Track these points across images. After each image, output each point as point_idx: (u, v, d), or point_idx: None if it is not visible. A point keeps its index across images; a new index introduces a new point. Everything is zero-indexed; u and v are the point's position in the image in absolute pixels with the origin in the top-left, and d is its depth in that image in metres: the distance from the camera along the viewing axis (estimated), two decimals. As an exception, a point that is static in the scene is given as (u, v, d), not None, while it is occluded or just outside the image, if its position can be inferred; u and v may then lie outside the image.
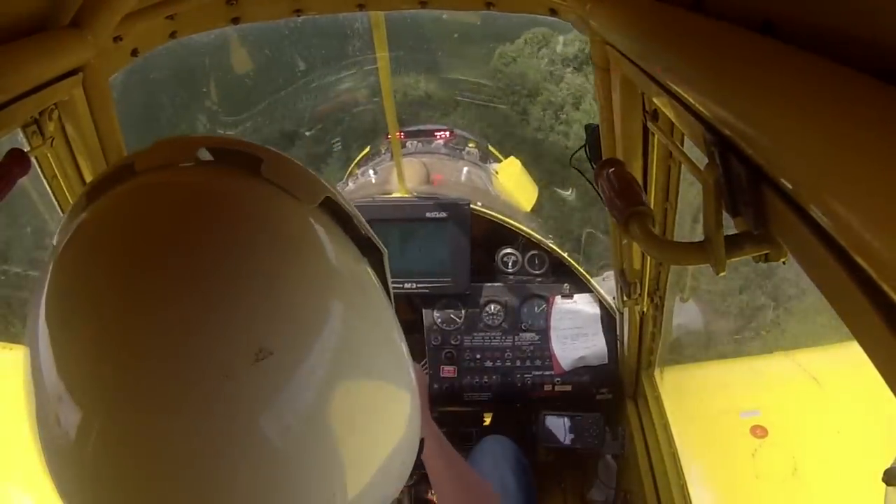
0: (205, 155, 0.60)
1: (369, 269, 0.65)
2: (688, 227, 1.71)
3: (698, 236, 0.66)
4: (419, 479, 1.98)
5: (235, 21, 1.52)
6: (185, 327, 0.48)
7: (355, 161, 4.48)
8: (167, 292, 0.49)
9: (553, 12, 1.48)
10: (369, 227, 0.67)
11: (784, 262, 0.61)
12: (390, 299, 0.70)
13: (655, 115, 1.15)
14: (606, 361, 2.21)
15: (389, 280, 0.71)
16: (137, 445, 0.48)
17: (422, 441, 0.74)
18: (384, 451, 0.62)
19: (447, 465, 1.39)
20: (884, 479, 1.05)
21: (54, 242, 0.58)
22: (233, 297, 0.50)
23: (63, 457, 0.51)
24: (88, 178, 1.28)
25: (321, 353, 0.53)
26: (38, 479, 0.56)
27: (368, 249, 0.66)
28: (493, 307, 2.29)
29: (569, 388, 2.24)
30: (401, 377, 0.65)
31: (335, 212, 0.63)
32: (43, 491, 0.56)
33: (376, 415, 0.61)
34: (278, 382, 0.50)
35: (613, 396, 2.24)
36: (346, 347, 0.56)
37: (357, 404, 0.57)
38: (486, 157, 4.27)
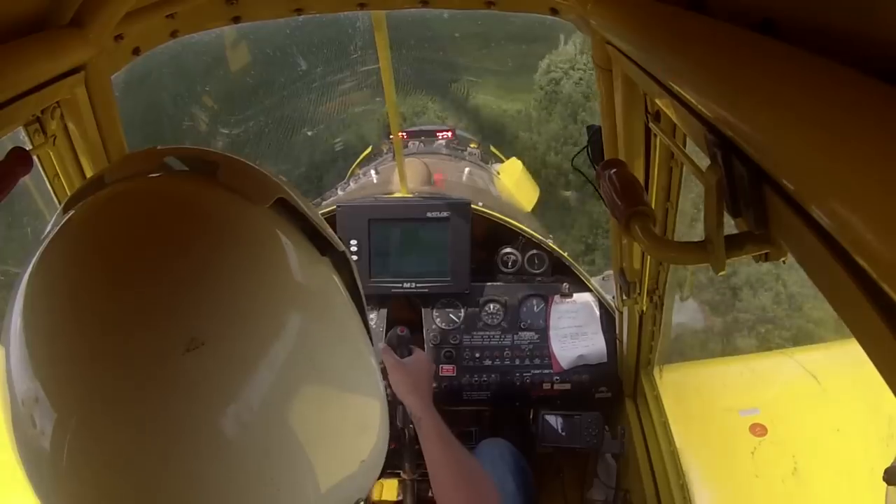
0: (173, 163, 0.65)
1: (329, 269, 0.68)
2: (686, 225, 1.71)
3: (697, 235, 0.67)
4: (421, 477, 1.99)
5: (236, 20, 1.52)
6: (125, 324, 0.52)
7: (357, 161, 4.49)
8: (115, 290, 0.53)
9: (554, 12, 1.49)
10: (330, 228, 0.70)
11: (784, 262, 0.61)
12: (359, 298, 0.72)
13: (657, 115, 1.16)
14: (605, 360, 2.21)
15: (358, 279, 0.74)
16: (102, 438, 0.52)
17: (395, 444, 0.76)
18: (353, 442, 0.65)
19: (444, 452, 1.39)
20: (884, 478, 1.05)
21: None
22: (168, 290, 0.54)
23: (37, 452, 0.54)
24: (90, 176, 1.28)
25: (263, 348, 0.56)
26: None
27: (327, 249, 0.68)
28: (492, 306, 2.30)
29: (568, 386, 2.24)
30: (364, 368, 0.68)
31: (290, 212, 0.66)
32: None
33: (341, 409, 0.64)
34: (212, 372, 0.53)
35: (613, 395, 2.24)
36: (291, 339, 0.58)
37: (319, 402, 0.60)
38: (487, 158, 4.28)
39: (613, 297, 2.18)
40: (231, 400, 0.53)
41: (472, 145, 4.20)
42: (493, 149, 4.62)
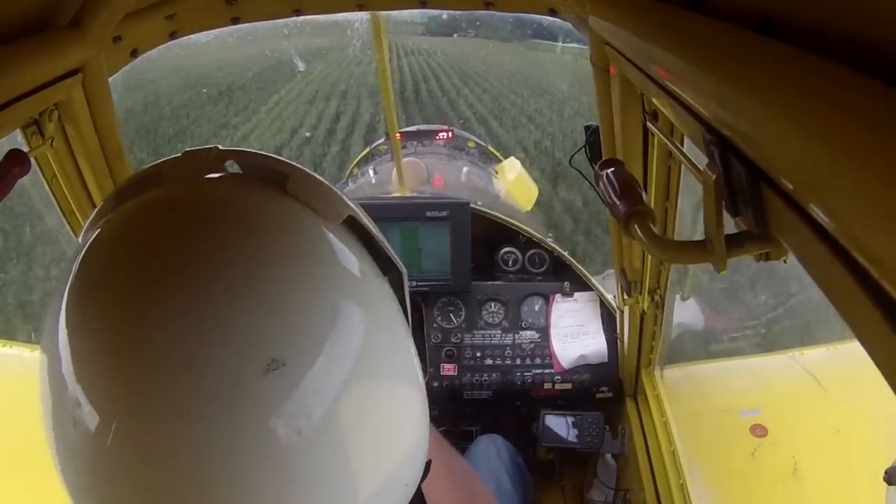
0: (232, 168, 0.62)
1: (389, 289, 0.67)
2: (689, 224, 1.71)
3: (698, 234, 0.67)
4: None
5: (235, 21, 1.52)
6: (198, 337, 0.50)
7: (355, 161, 4.48)
8: (183, 302, 0.51)
9: (552, 12, 1.49)
10: (391, 248, 0.68)
11: (785, 261, 0.61)
12: (408, 318, 0.71)
13: (655, 115, 1.15)
14: (606, 360, 2.21)
15: (408, 299, 0.72)
16: (151, 450, 0.50)
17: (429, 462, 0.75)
18: (397, 458, 0.63)
19: (434, 452, 1.36)
20: (885, 479, 1.05)
21: (78, 244, 0.59)
22: (246, 308, 0.51)
23: (78, 460, 0.52)
24: (89, 178, 1.28)
25: (334, 366, 0.54)
26: (38, 478, 0.56)
27: (388, 269, 0.67)
28: (493, 305, 2.30)
29: (569, 386, 2.24)
30: (414, 388, 0.67)
31: (357, 230, 0.64)
32: (44, 490, 0.57)
33: (390, 424, 0.62)
34: (289, 391, 0.51)
35: (613, 395, 2.24)
36: (360, 360, 0.57)
37: (371, 414, 0.58)
38: (486, 157, 4.28)
39: (614, 297, 2.17)
40: (303, 417, 0.52)
41: (470, 144, 4.19)
42: (491, 148, 4.62)
